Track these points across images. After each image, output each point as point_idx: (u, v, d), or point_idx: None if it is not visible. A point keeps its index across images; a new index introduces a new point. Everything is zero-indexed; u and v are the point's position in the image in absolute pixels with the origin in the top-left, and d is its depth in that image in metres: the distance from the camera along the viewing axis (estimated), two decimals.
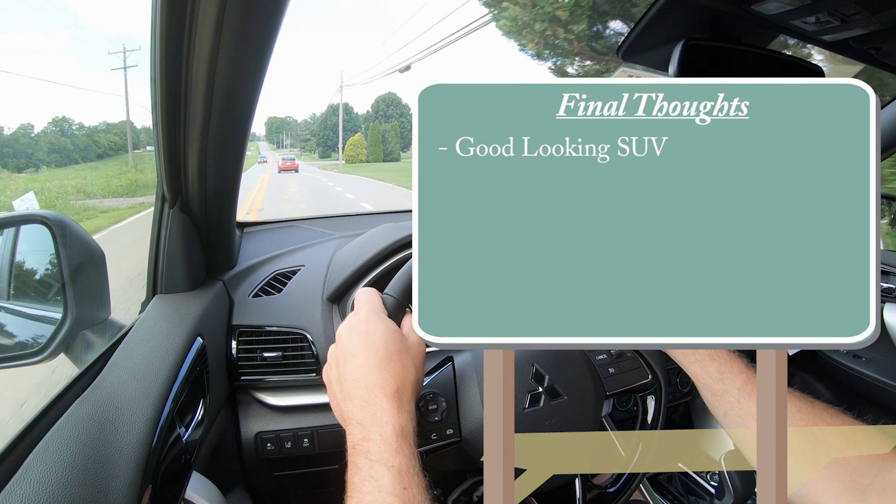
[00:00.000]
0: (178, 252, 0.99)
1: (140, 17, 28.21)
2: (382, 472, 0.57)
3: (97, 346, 0.92)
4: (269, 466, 1.08)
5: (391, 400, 0.63)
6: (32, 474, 0.57)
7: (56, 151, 64.43)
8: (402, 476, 0.57)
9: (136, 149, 78.22)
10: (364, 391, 0.64)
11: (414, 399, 0.68)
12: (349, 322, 0.71)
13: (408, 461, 0.59)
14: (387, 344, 0.67)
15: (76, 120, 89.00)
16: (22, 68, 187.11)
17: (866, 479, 0.62)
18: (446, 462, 0.91)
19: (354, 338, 0.69)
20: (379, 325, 0.69)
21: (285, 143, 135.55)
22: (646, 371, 1.07)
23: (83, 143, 75.67)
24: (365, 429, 0.62)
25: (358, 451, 0.61)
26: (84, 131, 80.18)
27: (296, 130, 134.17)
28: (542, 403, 0.90)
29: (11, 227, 0.98)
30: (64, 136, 73.30)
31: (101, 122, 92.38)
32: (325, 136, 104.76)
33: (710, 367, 0.76)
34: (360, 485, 0.58)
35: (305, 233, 1.54)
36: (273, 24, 0.68)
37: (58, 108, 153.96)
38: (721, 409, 0.75)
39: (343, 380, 0.67)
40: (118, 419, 0.69)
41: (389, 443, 0.60)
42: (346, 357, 0.68)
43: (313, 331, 1.08)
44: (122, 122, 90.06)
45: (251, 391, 1.08)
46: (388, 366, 0.66)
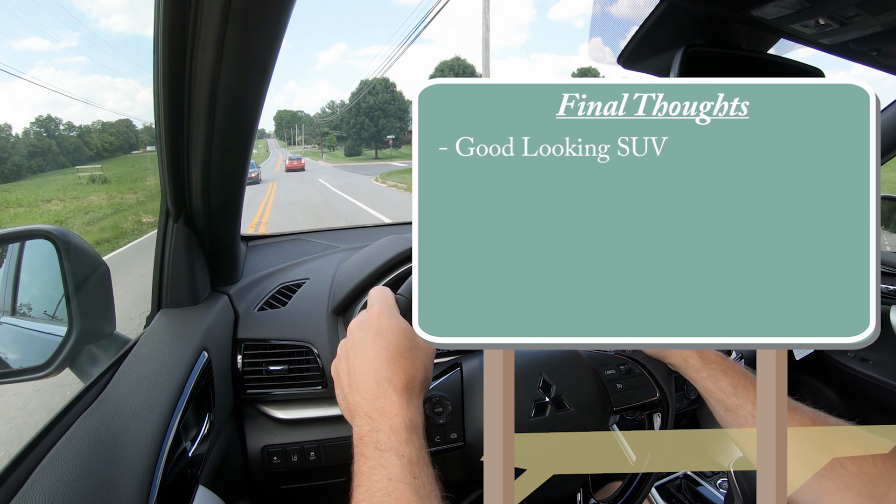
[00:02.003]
0: (182, 266, 0.99)
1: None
2: (393, 461, 0.57)
3: (102, 360, 0.92)
4: (275, 480, 1.08)
5: (400, 394, 0.63)
6: (38, 489, 0.57)
7: (39, 155, 58.22)
8: (413, 465, 0.57)
9: (134, 149, 75.03)
10: (373, 384, 0.64)
11: (422, 396, 0.68)
12: (361, 317, 0.71)
13: (418, 452, 0.59)
14: (398, 340, 0.67)
15: (64, 119, 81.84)
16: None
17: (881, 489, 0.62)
18: (451, 470, 0.91)
19: (366, 332, 0.68)
20: (391, 321, 0.69)
21: (297, 138, 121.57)
22: (654, 389, 1.07)
23: (72, 145, 67.57)
24: (373, 420, 0.61)
25: (366, 441, 0.60)
26: (76, 131, 74.03)
27: (311, 123, 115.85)
28: (548, 414, 0.89)
29: (16, 242, 0.98)
30: (50, 138, 66.11)
31: (96, 122, 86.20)
32: (357, 126, 74.36)
33: (722, 382, 0.76)
34: (369, 473, 0.57)
35: (310, 246, 1.55)
36: (275, 37, 0.69)
37: (44, 107, 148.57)
38: (735, 424, 0.75)
39: (352, 373, 0.67)
40: (124, 433, 0.69)
41: (399, 434, 0.59)
42: (357, 351, 0.67)
43: (319, 344, 1.07)
44: (121, 121, 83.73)
45: (257, 405, 1.07)
46: (398, 361, 0.65)
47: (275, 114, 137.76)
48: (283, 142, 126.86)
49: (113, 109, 54.65)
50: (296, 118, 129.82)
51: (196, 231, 1.00)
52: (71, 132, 72.74)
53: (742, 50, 0.94)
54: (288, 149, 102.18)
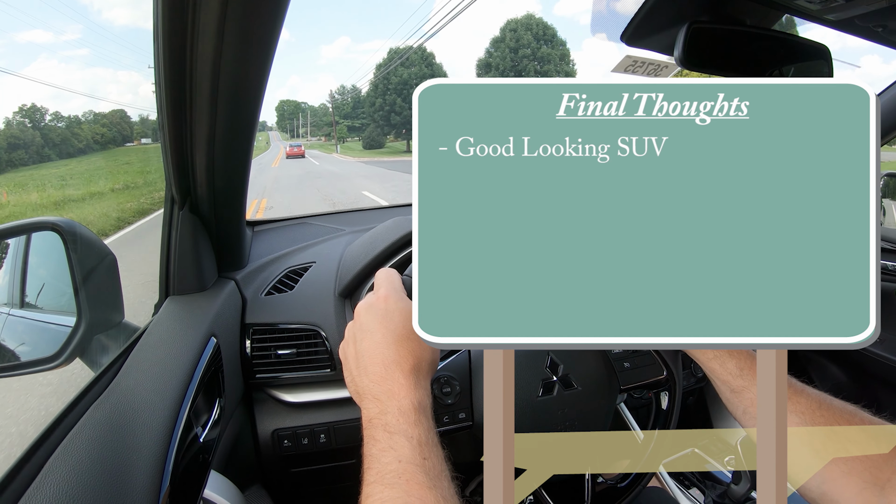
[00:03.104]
0: (188, 253, 0.99)
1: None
2: (402, 443, 0.57)
3: (112, 349, 0.92)
4: (286, 463, 1.09)
5: (408, 376, 0.63)
6: (53, 478, 0.58)
7: (20, 147, 55.12)
8: (422, 447, 0.57)
9: (128, 142, 73.00)
10: (381, 367, 0.64)
11: (430, 378, 0.68)
12: (368, 300, 0.71)
13: (426, 433, 0.59)
14: (405, 322, 0.67)
15: (51, 109, 78.12)
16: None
17: (885, 475, 0.62)
18: (460, 450, 0.91)
19: (373, 315, 0.69)
20: (398, 303, 0.69)
21: (300, 131, 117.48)
22: (661, 367, 1.07)
23: (60, 137, 63.90)
24: (382, 403, 0.62)
25: (375, 424, 0.60)
26: (64, 122, 70.82)
27: (315, 114, 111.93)
28: (556, 393, 0.90)
29: (22, 234, 0.99)
30: (35, 129, 63.59)
31: (87, 112, 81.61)
32: (384, 108, 57.06)
33: (728, 364, 0.76)
34: (378, 455, 0.57)
35: (315, 229, 1.55)
36: (275, 21, 0.68)
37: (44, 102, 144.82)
38: (740, 405, 0.75)
39: (360, 356, 0.67)
40: (135, 421, 0.70)
41: (408, 415, 0.60)
42: (364, 333, 0.68)
43: (326, 327, 1.08)
44: (114, 112, 79.36)
45: (266, 389, 1.08)
46: (405, 343, 0.66)
47: (276, 104, 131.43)
48: (285, 134, 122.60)
49: (116, 101, 53.44)
50: (299, 108, 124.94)
51: (201, 218, 1.00)
52: (59, 123, 69.82)
53: (746, 26, 0.92)
54: (291, 141, 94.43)
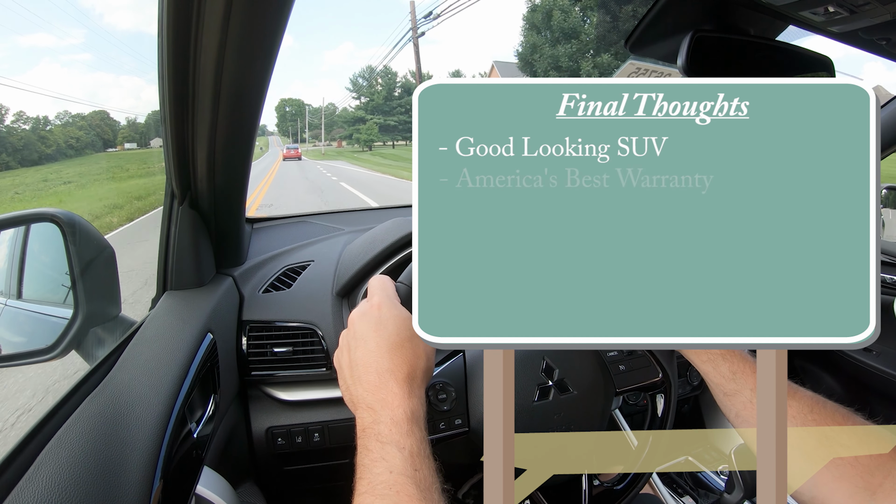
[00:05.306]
0: (187, 248, 0.99)
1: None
2: (394, 454, 0.57)
3: (108, 342, 0.92)
4: (279, 461, 1.09)
5: (402, 385, 0.63)
6: (44, 471, 0.58)
7: None
8: (414, 458, 0.57)
9: (110, 147, 70.07)
10: (375, 376, 0.64)
11: (424, 386, 0.68)
12: (362, 308, 0.71)
13: (419, 444, 0.59)
14: (399, 330, 0.67)
15: (12, 109, 72.03)
16: None
17: (877, 480, 0.62)
18: (455, 454, 0.92)
19: (367, 323, 0.68)
20: (392, 311, 0.69)
21: (304, 135, 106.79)
22: (656, 370, 1.07)
23: (21, 142, 55.90)
24: (375, 412, 0.62)
25: (368, 433, 0.61)
26: (29, 123, 65.83)
27: (316, 114, 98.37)
28: (552, 397, 0.90)
29: (21, 225, 0.98)
30: None
31: (61, 112, 73.98)
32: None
33: (722, 367, 0.76)
34: (370, 466, 0.57)
35: (315, 228, 1.55)
36: (279, 19, 0.68)
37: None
38: (733, 409, 0.75)
39: (354, 364, 0.67)
40: (129, 415, 0.70)
41: (400, 426, 0.60)
42: (358, 342, 0.68)
43: (323, 326, 1.08)
44: (94, 113, 74.29)
45: (262, 386, 1.08)
46: (399, 352, 0.66)
47: (277, 103, 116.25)
48: (286, 138, 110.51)
49: (115, 108, 51.48)
50: (302, 108, 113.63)
51: (201, 213, 1.00)
52: (23, 124, 63.43)
53: (750, 36, 0.93)
54: (289, 144, 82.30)
